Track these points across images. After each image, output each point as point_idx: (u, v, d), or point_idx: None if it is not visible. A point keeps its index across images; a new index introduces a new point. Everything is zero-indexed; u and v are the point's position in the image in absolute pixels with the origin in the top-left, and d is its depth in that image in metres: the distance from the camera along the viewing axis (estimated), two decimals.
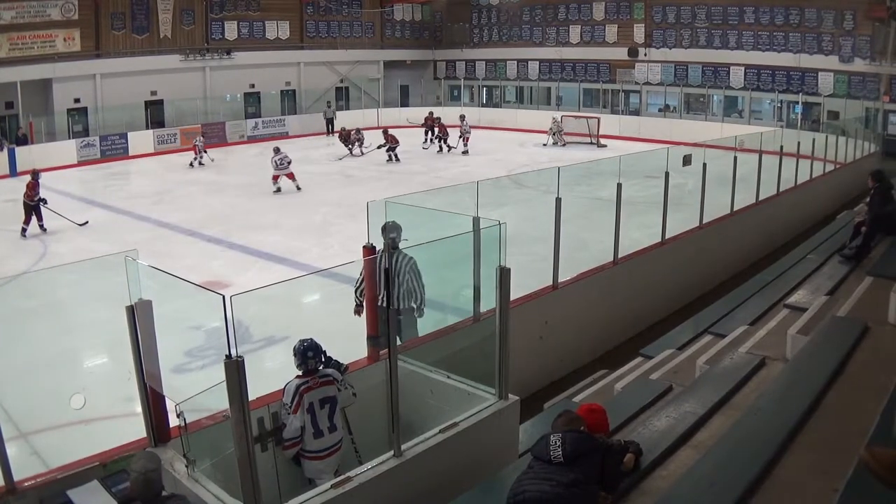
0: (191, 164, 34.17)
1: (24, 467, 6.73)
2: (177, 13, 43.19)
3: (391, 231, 8.96)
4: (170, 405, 6.54)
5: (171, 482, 6.15)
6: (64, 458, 7.05)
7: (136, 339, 6.30)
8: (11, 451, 6.36)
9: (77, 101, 39.68)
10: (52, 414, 10.35)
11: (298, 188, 27.96)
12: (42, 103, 38.91)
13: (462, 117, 35.12)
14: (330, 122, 44.92)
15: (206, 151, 35.21)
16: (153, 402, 6.48)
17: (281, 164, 28.04)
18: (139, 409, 6.58)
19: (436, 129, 38.05)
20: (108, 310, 6.71)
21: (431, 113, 41.07)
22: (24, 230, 22.40)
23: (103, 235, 21.57)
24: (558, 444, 5.60)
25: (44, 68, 38.35)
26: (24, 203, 22.71)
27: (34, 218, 22.79)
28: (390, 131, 35.51)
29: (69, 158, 36.31)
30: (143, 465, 5.70)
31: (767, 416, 6.57)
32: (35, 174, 23.68)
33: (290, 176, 28.10)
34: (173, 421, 6.53)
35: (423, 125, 40.21)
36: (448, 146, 36.98)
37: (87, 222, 23.33)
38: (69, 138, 38.15)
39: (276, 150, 28.46)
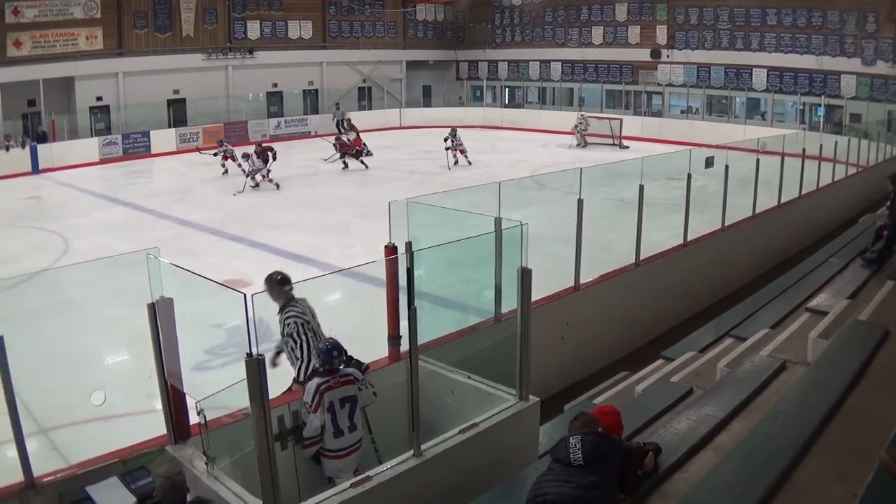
0: (224, 172, 32.05)
1: (43, 463, 6.75)
2: (199, 12, 43.28)
3: (285, 283, 8.65)
4: (190, 403, 6.56)
5: (190, 479, 6.16)
6: (83, 455, 7.07)
7: (158, 337, 6.32)
8: (31, 446, 6.38)
9: (99, 99, 39.80)
10: (72, 410, 10.41)
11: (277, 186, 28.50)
12: (64, 101, 39.03)
13: (453, 131, 33.98)
14: (339, 124, 44.12)
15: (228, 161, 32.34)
16: (174, 399, 6.50)
17: (256, 164, 28.36)
18: (160, 406, 6.60)
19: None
20: (129, 307, 6.73)
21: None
22: None
23: (125, 233, 21.64)
24: (577, 446, 5.59)
25: (66, 66, 38.47)
26: None
27: None
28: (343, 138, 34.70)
29: (91, 156, 36.44)
30: (168, 469, 5.73)
31: (788, 420, 6.55)
32: None
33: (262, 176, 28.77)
34: (193, 419, 6.55)
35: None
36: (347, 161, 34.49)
37: None
38: (91, 136, 38.26)
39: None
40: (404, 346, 7.25)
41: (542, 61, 50.12)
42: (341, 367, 7.00)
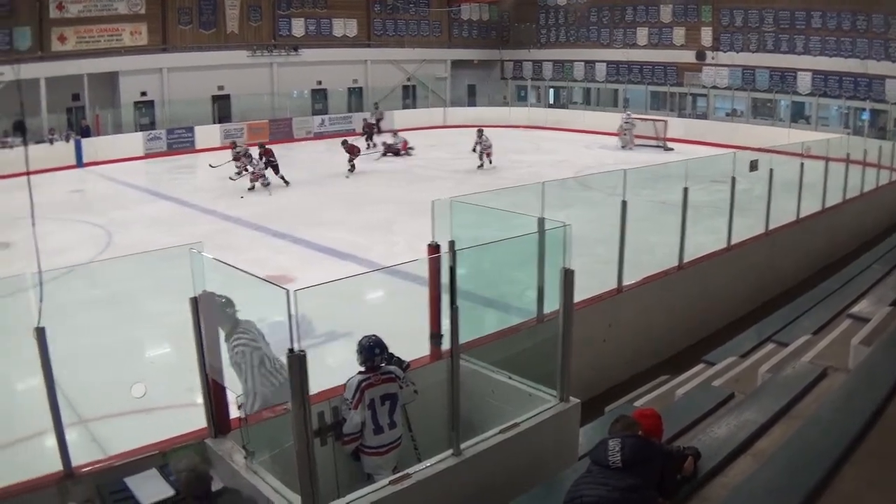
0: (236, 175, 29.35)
1: (82, 454, 6.80)
2: (244, 9, 43.50)
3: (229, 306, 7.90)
4: (231, 397, 6.60)
5: (229, 473, 6.20)
6: (123, 447, 7.12)
7: (200, 331, 6.36)
8: (71, 436, 6.45)
9: (144, 94, 40.14)
10: (113, 402, 10.49)
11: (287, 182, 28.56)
12: (109, 96, 39.37)
13: (480, 132, 33.38)
14: (375, 124, 43.34)
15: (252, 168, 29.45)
16: (214, 393, 6.53)
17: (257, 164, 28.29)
18: (200, 399, 6.64)
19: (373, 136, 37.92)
20: (172, 301, 6.76)
21: (365, 120, 41.69)
22: None
23: (168, 227, 21.80)
24: (617, 448, 5.57)
25: (110, 61, 38.81)
26: None
27: None
28: (349, 141, 33.37)
29: (136, 150, 36.72)
30: (188, 462, 5.77)
31: (828, 427, 6.49)
32: None
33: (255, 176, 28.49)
34: (234, 412, 6.59)
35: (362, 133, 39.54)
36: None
37: None
38: (136, 131, 38.56)
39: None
40: (446, 344, 7.23)
41: (587, 62, 49.87)
42: (383, 364, 7.01)
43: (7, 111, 36.72)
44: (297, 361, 5.10)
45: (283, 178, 28.73)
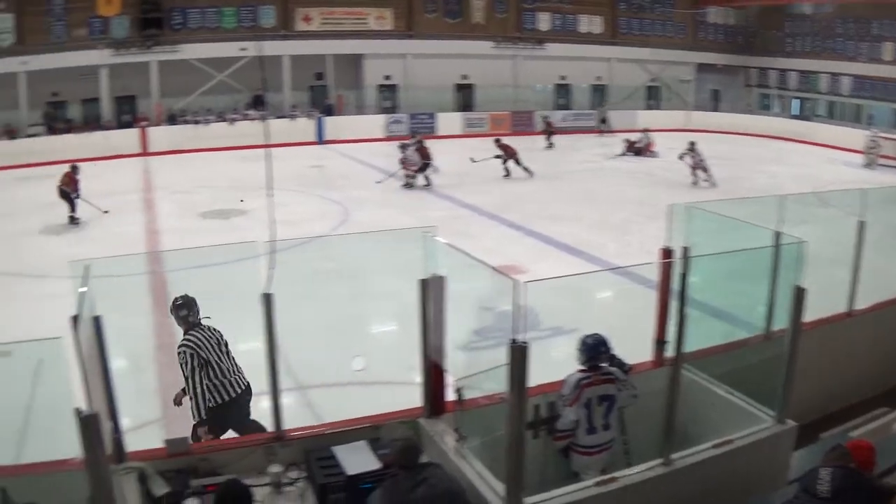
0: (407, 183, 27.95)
1: (295, 418, 7.03)
2: (490, 1, 43.96)
3: (182, 308, 8.35)
4: (449, 380, 6.70)
5: (437, 454, 6.31)
6: (335, 416, 7.33)
7: (426, 313, 6.47)
8: (287, 401, 6.73)
9: (387, 78, 41.29)
10: (332, 372, 10.81)
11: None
12: (352, 78, 40.72)
13: (691, 146, 30.39)
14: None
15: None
16: (434, 375, 6.65)
17: (411, 160, 27.35)
18: (419, 379, 6.77)
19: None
20: (403, 281, 6.91)
21: (545, 118, 40.49)
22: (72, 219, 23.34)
23: (404, 209, 22.31)
24: (827, 478, 5.45)
25: (355, 44, 40.17)
26: (61, 190, 23.45)
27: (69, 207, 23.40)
28: (503, 140, 31.46)
29: (377, 132, 37.74)
30: (403, 433, 5.94)
31: None
32: (75, 168, 24.16)
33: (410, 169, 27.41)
34: (450, 396, 6.69)
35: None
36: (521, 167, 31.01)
37: (107, 211, 23.96)
38: (377, 113, 39.53)
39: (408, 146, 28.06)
40: (669, 352, 7.14)
41: (833, 74, 48.00)
42: (604, 364, 6.98)
43: (249, 85, 38.44)
44: (519, 352, 5.13)
45: (526, 168, 28.96)
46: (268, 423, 6.54)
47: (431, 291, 6.41)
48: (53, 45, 39.58)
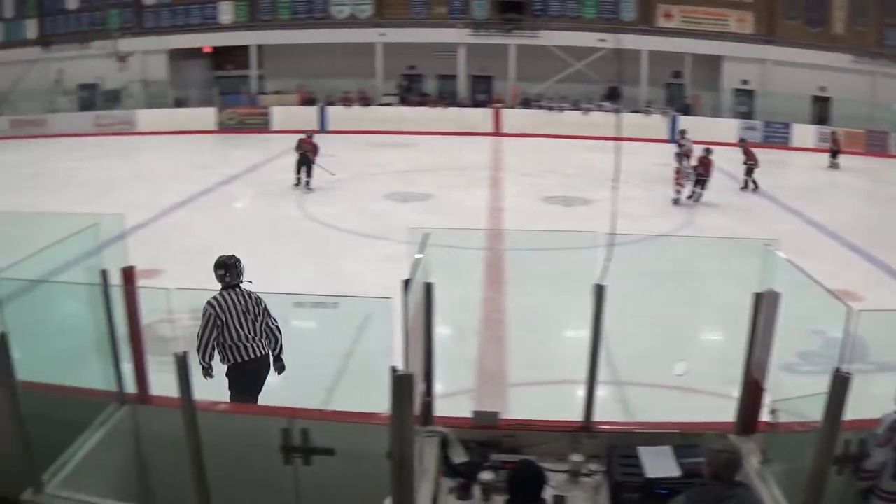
0: None
1: (605, 411, 7.03)
2: (851, 12, 41.88)
3: (219, 267, 8.84)
4: (765, 399, 6.52)
5: (741, 473, 6.16)
6: (645, 416, 7.28)
7: (755, 327, 6.32)
8: (601, 393, 6.71)
9: (745, 82, 40.33)
10: (650, 372, 10.76)
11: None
12: (709, 79, 40.14)
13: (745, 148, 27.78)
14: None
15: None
16: (752, 391, 6.48)
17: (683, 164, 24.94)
18: (735, 394, 6.62)
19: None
20: (737, 291, 6.76)
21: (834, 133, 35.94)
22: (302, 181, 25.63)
23: (751, 218, 21.83)
24: None
25: (713, 45, 39.58)
26: (304, 156, 25.33)
27: (304, 173, 25.61)
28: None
29: (730, 136, 36.85)
30: (726, 445, 5.78)
31: None
32: (311, 135, 26.24)
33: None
34: (763, 415, 6.51)
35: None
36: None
37: (335, 174, 25.29)
38: (732, 117, 38.74)
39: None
40: None
41: None
42: None
43: (605, 77, 38.65)
44: (841, 383, 4.92)
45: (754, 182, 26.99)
46: (578, 413, 6.57)
47: (764, 306, 6.24)
48: (411, 20, 41.41)
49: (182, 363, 5.11)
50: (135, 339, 7.24)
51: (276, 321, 9.04)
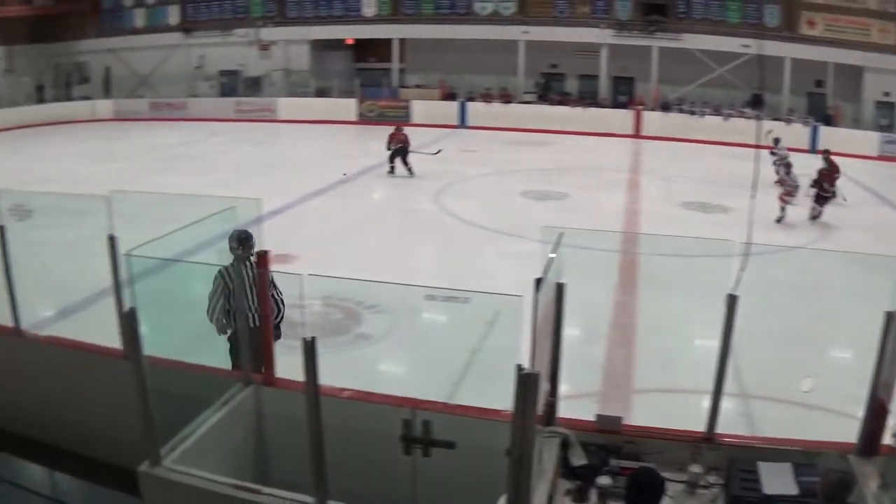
0: None
1: (727, 424, 7.01)
2: None
3: (234, 240, 9.02)
4: (890, 422, 6.44)
5: (858, 495, 6.08)
6: (765, 430, 7.21)
7: (884, 347, 6.23)
8: (726, 405, 6.66)
9: (886, 94, 39.10)
10: (777, 386, 10.62)
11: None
12: (851, 89, 39.05)
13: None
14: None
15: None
16: (877, 412, 6.41)
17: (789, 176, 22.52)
18: (859, 413, 6.54)
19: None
20: (870, 308, 6.71)
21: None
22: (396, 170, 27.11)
23: (882, 234, 21.29)
24: None
25: (854, 54, 38.38)
26: (400, 148, 26.95)
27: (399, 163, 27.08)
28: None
29: (870, 150, 35.98)
30: (842, 465, 5.73)
31: None
32: (399, 127, 27.91)
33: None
34: (886, 439, 6.43)
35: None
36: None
37: (439, 151, 26.19)
38: (874, 130, 37.77)
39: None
40: None
41: None
42: None
43: (748, 83, 38.01)
44: None
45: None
46: (701, 423, 6.57)
47: (895, 326, 6.17)
48: (554, 19, 41.33)
49: (310, 348, 5.30)
50: (265, 322, 7.47)
51: (281, 294, 9.42)
